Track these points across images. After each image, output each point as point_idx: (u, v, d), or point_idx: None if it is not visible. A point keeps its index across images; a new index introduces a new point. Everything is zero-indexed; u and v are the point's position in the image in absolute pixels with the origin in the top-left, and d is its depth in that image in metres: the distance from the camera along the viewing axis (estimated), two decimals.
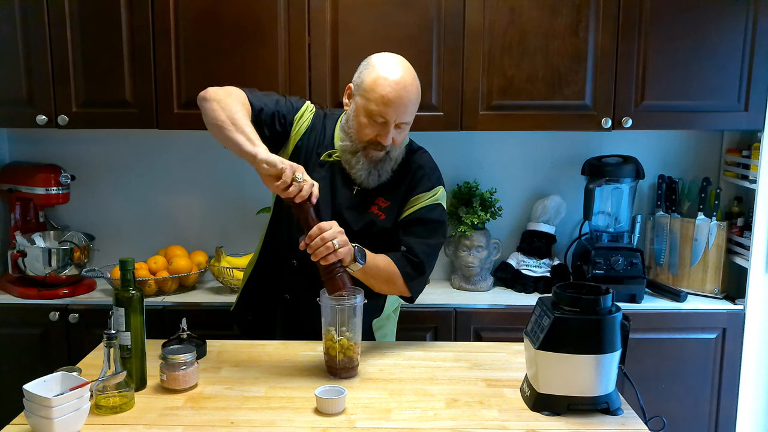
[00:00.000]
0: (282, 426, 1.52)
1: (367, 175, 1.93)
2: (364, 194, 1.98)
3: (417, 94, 1.89)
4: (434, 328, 2.53)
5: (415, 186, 1.98)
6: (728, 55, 2.49)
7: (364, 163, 1.92)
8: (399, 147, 1.94)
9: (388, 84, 1.83)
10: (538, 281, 2.71)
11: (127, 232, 2.87)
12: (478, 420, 1.56)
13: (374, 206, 1.97)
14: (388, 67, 1.87)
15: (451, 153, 2.83)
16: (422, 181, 1.99)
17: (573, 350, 1.54)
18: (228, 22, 2.47)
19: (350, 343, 1.74)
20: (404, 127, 1.90)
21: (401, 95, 1.83)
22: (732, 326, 2.55)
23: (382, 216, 1.97)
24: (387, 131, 1.86)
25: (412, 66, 1.92)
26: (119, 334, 1.61)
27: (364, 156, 1.91)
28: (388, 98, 1.82)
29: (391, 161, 1.94)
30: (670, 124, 2.60)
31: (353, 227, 1.94)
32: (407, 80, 1.86)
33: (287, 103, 2.00)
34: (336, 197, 1.97)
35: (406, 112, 1.86)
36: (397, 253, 1.92)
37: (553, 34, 2.48)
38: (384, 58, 1.90)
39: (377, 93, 1.83)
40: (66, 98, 2.51)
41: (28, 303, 2.54)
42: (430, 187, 1.99)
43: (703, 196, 2.69)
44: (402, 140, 1.94)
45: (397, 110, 1.84)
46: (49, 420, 1.41)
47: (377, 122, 1.86)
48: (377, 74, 1.86)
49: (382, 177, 1.95)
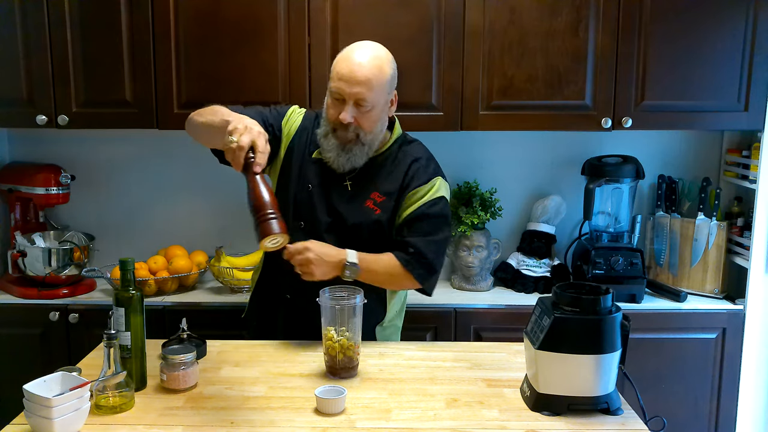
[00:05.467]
0: (282, 426, 1.52)
1: (336, 156, 1.95)
2: (359, 189, 1.99)
3: (376, 73, 1.88)
4: (434, 328, 2.53)
5: (411, 179, 1.99)
6: (728, 55, 2.49)
7: (333, 144, 1.95)
8: (370, 132, 1.94)
9: (343, 61, 1.90)
10: (538, 281, 2.71)
11: (127, 232, 2.87)
12: (478, 420, 1.56)
13: (369, 201, 1.98)
14: (351, 48, 1.93)
15: (451, 153, 2.82)
16: (418, 174, 1.99)
17: (573, 350, 1.54)
18: (228, 22, 2.47)
19: (350, 343, 1.74)
20: (366, 107, 1.89)
21: (353, 70, 1.86)
22: (732, 326, 2.55)
23: (378, 211, 1.98)
24: (345, 108, 1.89)
25: (412, 66, 1.93)
26: (119, 334, 1.61)
27: (333, 137, 1.95)
28: (341, 74, 1.88)
29: (363, 146, 1.95)
30: (670, 124, 2.60)
31: (348, 221, 1.97)
32: (365, 58, 1.88)
33: (272, 111, 2.06)
34: (330, 193, 1.99)
35: (359, 87, 1.86)
36: (405, 255, 1.93)
37: (553, 34, 2.48)
38: (355, 43, 1.95)
39: (335, 71, 1.90)
40: (66, 98, 2.51)
41: (28, 303, 2.54)
42: (427, 179, 1.98)
43: (703, 196, 2.69)
44: (370, 124, 1.93)
45: (351, 85, 1.86)
46: (49, 420, 1.41)
47: (337, 100, 1.90)
48: (339, 55, 1.93)
49: (353, 161, 1.96)
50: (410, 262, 1.92)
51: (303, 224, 2.00)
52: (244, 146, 1.58)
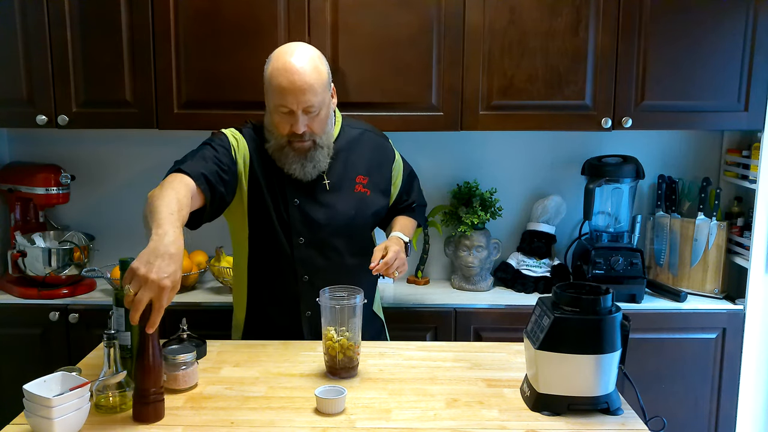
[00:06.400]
0: (282, 426, 1.52)
1: (302, 168, 1.92)
2: (339, 180, 2.00)
3: (316, 77, 1.84)
4: (434, 328, 2.53)
5: (386, 156, 2.12)
6: (728, 55, 2.49)
7: (293, 156, 1.91)
8: (323, 134, 1.92)
9: (279, 73, 1.83)
10: (538, 281, 2.71)
11: (127, 232, 2.86)
12: (478, 420, 1.56)
13: (357, 185, 2.02)
14: (280, 56, 1.86)
15: (451, 153, 2.83)
16: (388, 149, 2.14)
17: (573, 350, 1.54)
18: (228, 22, 2.47)
19: (350, 343, 1.74)
20: (315, 111, 1.86)
21: (293, 80, 1.81)
22: (732, 326, 2.55)
23: (368, 192, 2.04)
24: (296, 119, 1.85)
25: (412, 66, 1.92)
26: (119, 334, 1.61)
27: (291, 149, 1.91)
28: (282, 86, 1.82)
29: (323, 149, 1.94)
30: (670, 124, 2.60)
31: (350, 212, 1.99)
32: (298, 64, 1.83)
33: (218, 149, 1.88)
34: (317, 197, 1.98)
35: (305, 95, 1.82)
36: (413, 219, 2.21)
37: (553, 34, 2.48)
38: (278, 50, 1.89)
39: (273, 84, 1.84)
40: (66, 98, 2.51)
41: (28, 303, 2.54)
42: (392, 149, 2.15)
43: (703, 196, 2.69)
44: (322, 126, 1.91)
45: (296, 96, 1.82)
46: (49, 420, 1.41)
47: (284, 113, 1.85)
48: (271, 66, 1.87)
49: (319, 166, 1.95)
50: (416, 214, 2.24)
51: (303, 239, 1.98)
52: (142, 302, 1.39)
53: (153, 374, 1.51)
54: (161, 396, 1.54)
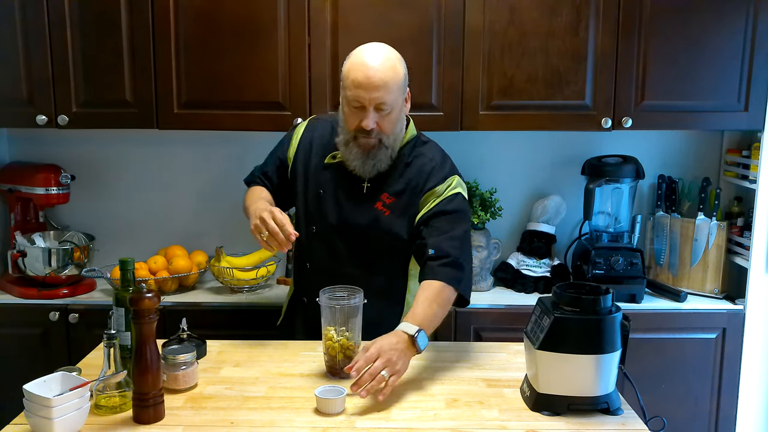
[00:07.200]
0: (282, 426, 1.52)
1: (362, 164, 1.94)
2: (371, 191, 1.99)
3: (392, 76, 1.87)
4: None
5: (426, 179, 1.98)
6: (728, 55, 2.49)
7: (356, 152, 1.93)
8: (391, 134, 1.94)
9: (356, 68, 1.86)
10: (538, 281, 2.71)
11: (127, 232, 2.87)
12: (478, 420, 1.56)
13: (378, 202, 1.98)
14: (360, 53, 1.90)
15: (450, 153, 2.80)
16: (433, 173, 1.99)
17: (573, 350, 1.54)
18: (228, 22, 2.47)
19: (350, 343, 1.74)
20: (386, 110, 1.88)
21: (369, 75, 1.84)
22: (732, 326, 2.55)
23: (387, 212, 1.97)
24: (366, 114, 1.87)
25: (412, 66, 1.92)
26: (119, 334, 1.61)
27: (356, 145, 1.93)
28: (357, 81, 1.85)
29: (387, 150, 1.94)
30: (670, 124, 2.60)
31: (357, 223, 1.98)
32: (377, 61, 1.86)
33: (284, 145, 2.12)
34: (343, 196, 1.99)
35: (379, 92, 1.85)
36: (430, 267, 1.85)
37: (553, 34, 2.48)
38: (360, 47, 1.93)
39: (349, 79, 1.87)
40: (66, 98, 2.51)
41: (28, 303, 2.54)
42: (443, 178, 1.98)
43: (703, 196, 2.69)
44: (391, 126, 1.92)
45: (369, 91, 1.84)
46: (49, 420, 1.41)
47: (356, 108, 1.88)
48: (349, 62, 1.90)
49: (379, 166, 1.95)
50: (435, 271, 1.83)
51: (315, 228, 2.03)
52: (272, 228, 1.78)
53: (151, 378, 1.51)
54: (161, 398, 1.54)
